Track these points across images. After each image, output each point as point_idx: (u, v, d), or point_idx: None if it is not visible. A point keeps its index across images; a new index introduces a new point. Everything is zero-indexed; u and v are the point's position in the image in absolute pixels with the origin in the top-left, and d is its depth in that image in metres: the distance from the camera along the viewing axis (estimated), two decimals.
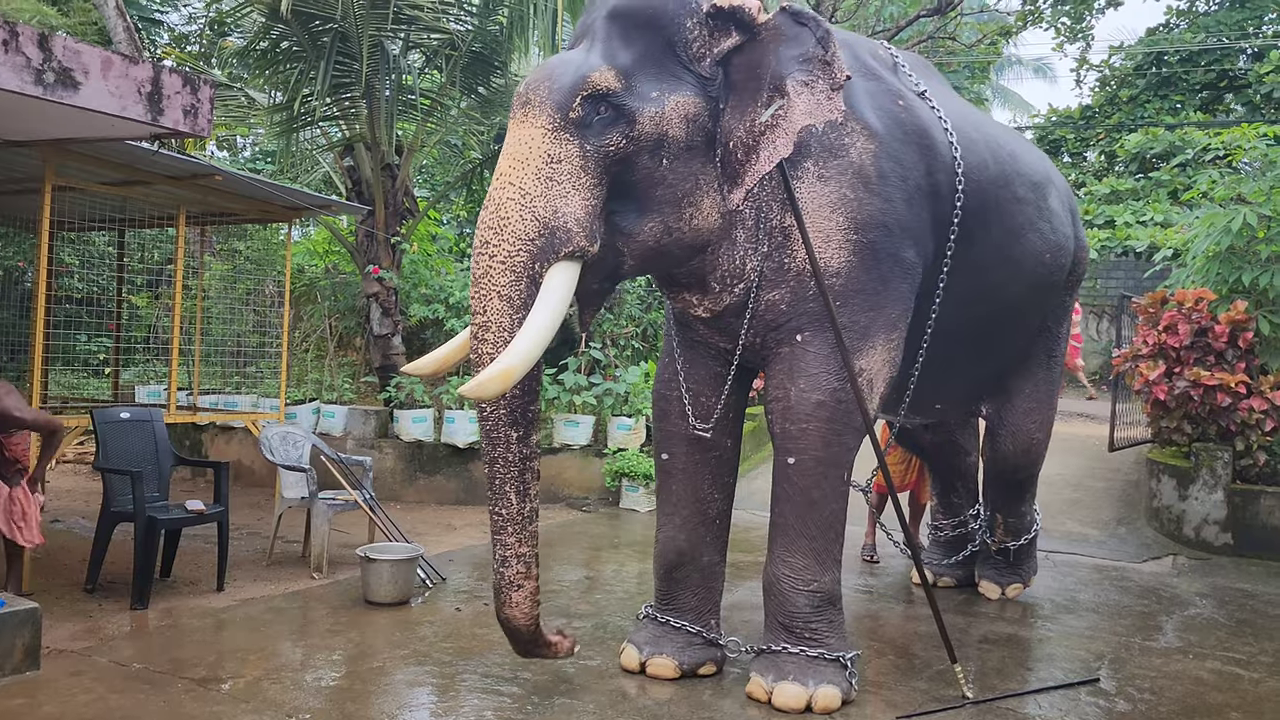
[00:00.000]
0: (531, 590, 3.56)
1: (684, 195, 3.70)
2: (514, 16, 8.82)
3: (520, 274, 3.43)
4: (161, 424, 5.62)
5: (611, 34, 3.62)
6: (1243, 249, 7.48)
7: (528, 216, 3.42)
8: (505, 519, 3.51)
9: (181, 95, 4.25)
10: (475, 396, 3.30)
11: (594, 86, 3.49)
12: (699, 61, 3.69)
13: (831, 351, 3.93)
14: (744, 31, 3.70)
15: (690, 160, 3.69)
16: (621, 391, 8.52)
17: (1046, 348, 5.51)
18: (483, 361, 3.41)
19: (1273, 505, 6.98)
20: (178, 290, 6.58)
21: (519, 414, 3.50)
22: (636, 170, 3.60)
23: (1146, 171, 16.52)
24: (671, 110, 3.61)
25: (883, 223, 4.01)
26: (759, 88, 3.68)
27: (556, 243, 3.45)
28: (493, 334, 3.42)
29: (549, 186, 3.45)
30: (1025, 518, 5.70)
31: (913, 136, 4.18)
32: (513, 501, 3.50)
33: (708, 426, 4.23)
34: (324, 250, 11.26)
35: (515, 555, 3.52)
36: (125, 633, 4.63)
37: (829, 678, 3.88)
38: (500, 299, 3.42)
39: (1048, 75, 27.45)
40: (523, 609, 3.55)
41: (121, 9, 9.48)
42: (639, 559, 6.37)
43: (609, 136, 3.52)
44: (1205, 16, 19.19)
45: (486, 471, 3.54)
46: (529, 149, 3.48)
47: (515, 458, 3.50)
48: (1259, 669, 4.70)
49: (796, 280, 3.94)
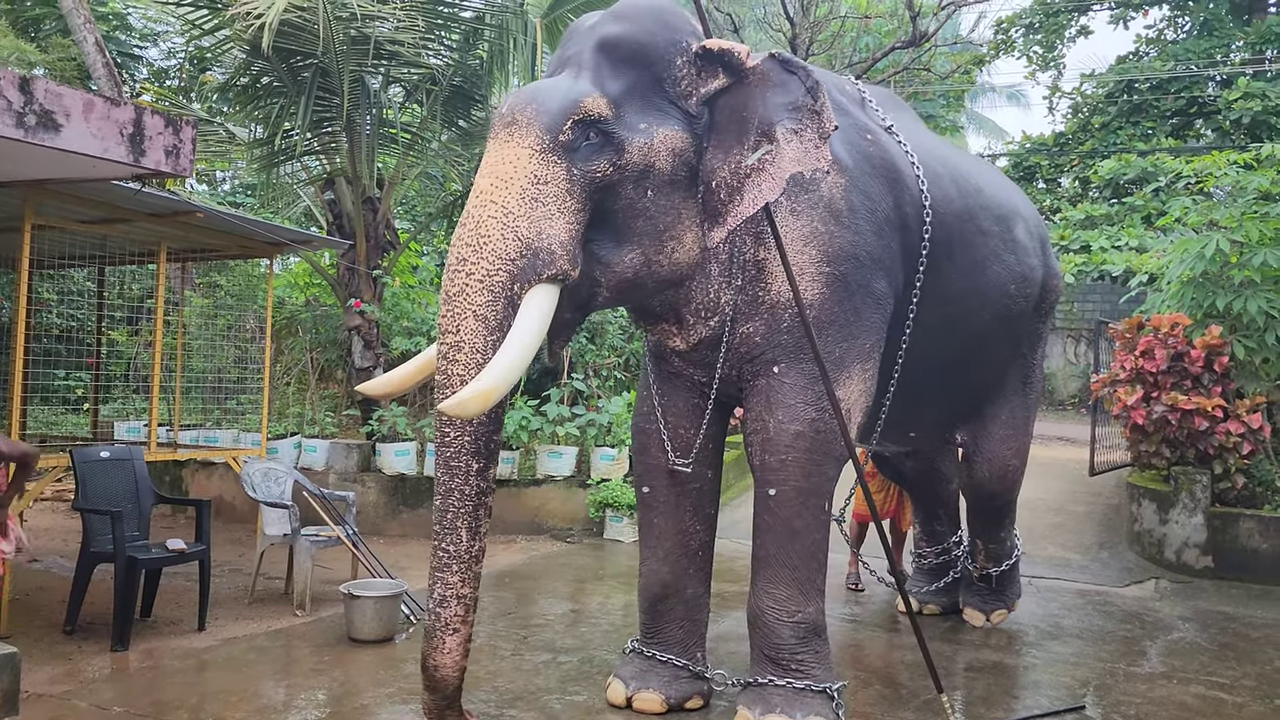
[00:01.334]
0: (466, 637, 3.40)
1: (665, 229, 3.70)
2: (494, 50, 8.89)
3: (498, 294, 3.34)
4: (142, 462, 5.59)
5: (600, 64, 3.63)
6: (1216, 274, 7.59)
7: (509, 235, 3.35)
8: (452, 556, 3.36)
9: (164, 136, 4.26)
10: (454, 414, 3.18)
11: (585, 111, 3.48)
12: (686, 99, 3.72)
13: (808, 383, 3.96)
14: (732, 74, 3.74)
15: (673, 194, 3.70)
16: (604, 422, 8.53)
17: (1021, 375, 5.56)
18: (452, 383, 3.30)
19: (1252, 528, 7.03)
20: (158, 325, 6.55)
21: (482, 444, 3.38)
22: (620, 200, 3.59)
23: (1120, 197, 16.75)
24: (660, 143, 3.63)
25: (854, 255, 4.06)
26: (744, 130, 3.71)
27: (539, 264, 3.38)
28: (465, 355, 3.31)
29: (533, 207, 3.40)
30: (1006, 543, 5.74)
31: (881, 170, 4.25)
32: (463, 539, 3.36)
33: (687, 461, 4.24)
34: (305, 283, 11.24)
35: (456, 596, 3.37)
36: (105, 675, 4.57)
37: (816, 710, 3.88)
38: (475, 319, 3.32)
39: (1021, 101, 27.90)
40: (453, 657, 3.38)
41: (101, 45, 9.52)
42: (624, 590, 6.35)
43: (596, 163, 3.51)
44: (1174, 44, 19.53)
45: (438, 504, 3.38)
46: (514, 168, 3.42)
47: (472, 491, 3.37)
48: (1242, 693, 4.73)
49: (770, 313, 3.98)
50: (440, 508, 3.37)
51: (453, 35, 9.10)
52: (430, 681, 3.41)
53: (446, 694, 3.42)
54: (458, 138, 9.63)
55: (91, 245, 6.70)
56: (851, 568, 6.60)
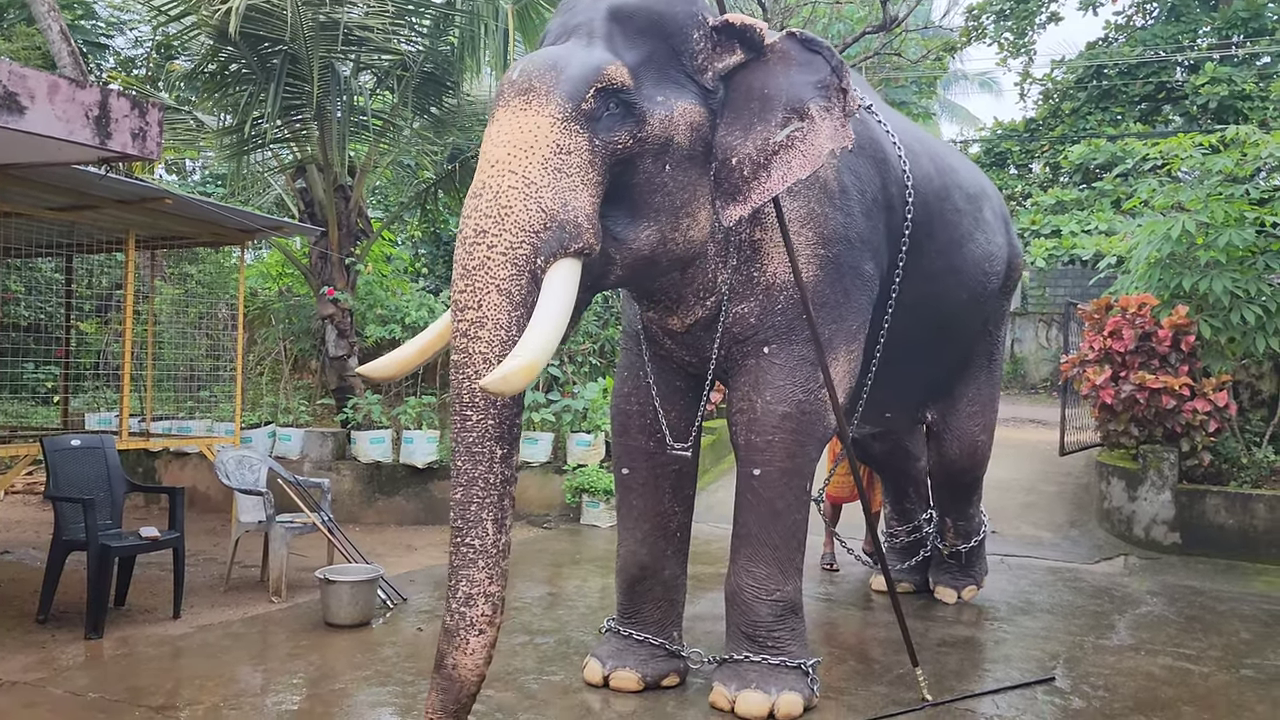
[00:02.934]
0: (492, 640, 3.13)
1: (682, 205, 3.64)
2: (465, 37, 8.84)
3: (522, 268, 3.16)
4: (113, 450, 5.54)
5: (614, 33, 3.52)
6: (1183, 255, 7.69)
7: (533, 207, 3.18)
8: (478, 551, 3.09)
9: (130, 118, 4.22)
10: (498, 391, 2.97)
11: (609, 80, 3.37)
12: (702, 73, 3.68)
13: (797, 364, 3.98)
14: (751, 50, 3.72)
15: (690, 170, 3.64)
16: (580, 408, 8.54)
17: (987, 352, 5.65)
18: (474, 362, 3.10)
19: (1218, 504, 7.15)
20: (128, 315, 6.49)
21: (506, 428, 3.16)
22: (638, 174, 3.50)
23: (1090, 182, 16.91)
24: (680, 115, 3.57)
25: (846, 236, 4.08)
26: (767, 107, 3.68)
27: (565, 237, 3.23)
28: (489, 331, 3.11)
29: (557, 178, 3.24)
30: (973, 520, 5.83)
31: (868, 151, 4.27)
32: (489, 532, 3.10)
33: (686, 445, 4.22)
34: (277, 273, 11.17)
35: (484, 594, 3.09)
36: (80, 662, 4.55)
37: (791, 685, 3.93)
38: (499, 293, 3.12)
39: (993, 89, 28.01)
40: (476, 659, 3.09)
41: (66, 34, 9.39)
42: (601, 574, 6.38)
43: (618, 134, 3.40)
44: (1142, 30, 19.70)
45: (459, 495, 3.12)
46: (535, 137, 3.25)
47: (497, 479, 3.12)
48: (1208, 663, 4.82)
49: (765, 293, 3.98)
50: (462, 500, 3.12)
51: (423, 21, 9.04)
52: (445, 683, 3.10)
53: (461, 699, 3.12)
54: (430, 125, 9.58)
55: (58, 233, 6.63)
56: (827, 548, 6.65)
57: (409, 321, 8.94)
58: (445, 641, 3.12)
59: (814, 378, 3.98)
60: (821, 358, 3.92)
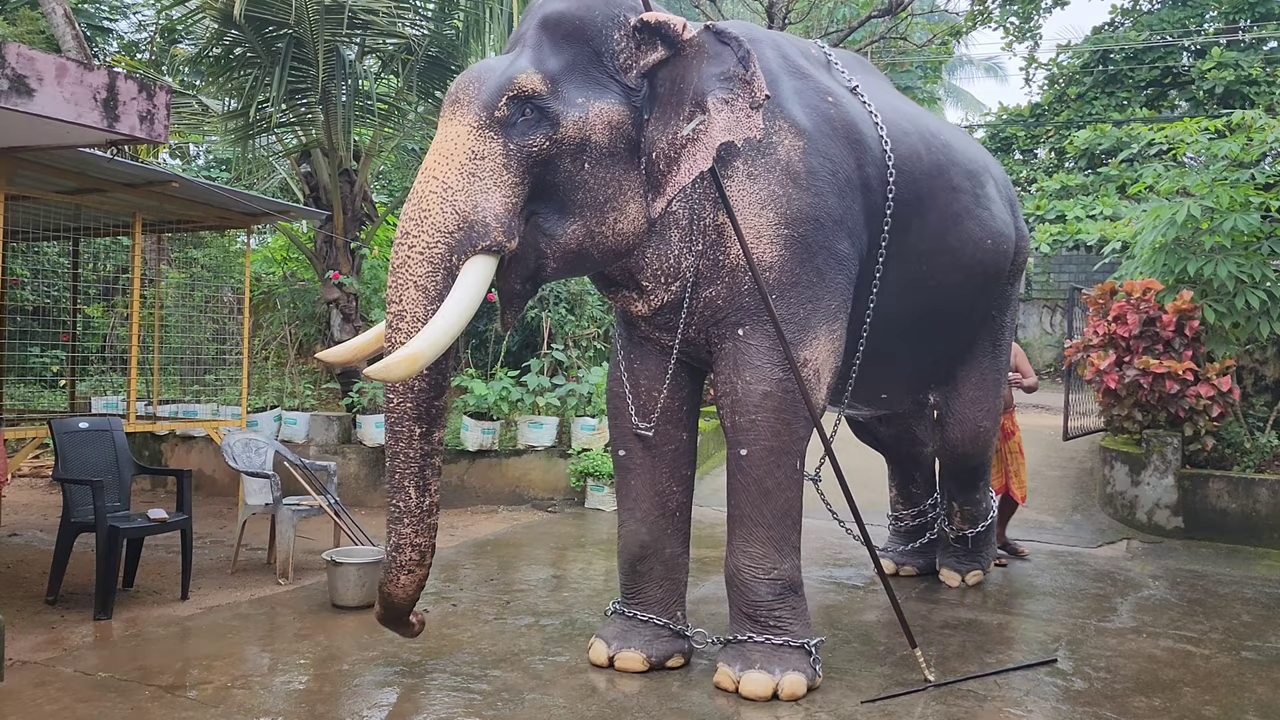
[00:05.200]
0: (422, 577, 3.75)
1: (606, 200, 3.78)
2: (470, 20, 8.84)
3: (437, 265, 3.52)
4: (121, 433, 5.58)
5: (541, 41, 3.73)
6: (1188, 240, 7.68)
7: (448, 210, 3.52)
8: (403, 511, 3.66)
9: (138, 101, 4.24)
10: (381, 378, 3.38)
11: (520, 88, 3.59)
12: (625, 72, 3.80)
13: (774, 343, 4.01)
14: (669, 47, 3.78)
15: (613, 166, 3.77)
16: (585, 392, 8.56)
17: (992, 337, 5.62)
18: (394, 351, 3.47)
19: (1221, 489, 7.17)
20: (135, 298, 6.51)
21: (423, 409, 3.61)
22: (559, 173, 3.69)
23: (1095, 167, 16.85)
24: (595, 116, 3.71)
25: (813, 217, 4.09)
26: (681, 102, 3.78)
27: (474, 236, 3.54)
28: (407, 323, 3.51)
29: (470, 182, 3.55)
30: (981, 504, 5.83)
31: (841, 132, 4.27)
32: (411, 496, 3.65)
33: (648, 425, 4.31)
34: (282, 258, 11.19)
35: (410, 544, 3.69)
36: (89, 643, 4.59)
37: (794, 665, 3.96)
38: (416, 289, 3.51)
39: (999, 74, 27.90)
40: (408, 590, 3.75)
41: (70, 17, 9.39)
42: (605, 557, 6.41)
43: (532, 137, 3.61)
44: (1148, 15, 19.59)
45: (388, 464, 3.66)
46: (454, 145, 3.58)
47: (416, 454, 3.62)
48: (1210, 645, 4.84)
49: (731, 276, 4.03)
50: (389, 469, 3.66)
51: (428, 5, 9.05)
52: (385, 605, 3.82)
53: (399, 613, 3.85)
54: (434, 109, 9.56)
55: (65, 217, 6.65)
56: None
57: None
58: (384, 575, 3.78)
59: (793, 355, 4.01)
60: (781, 337, 3.97)
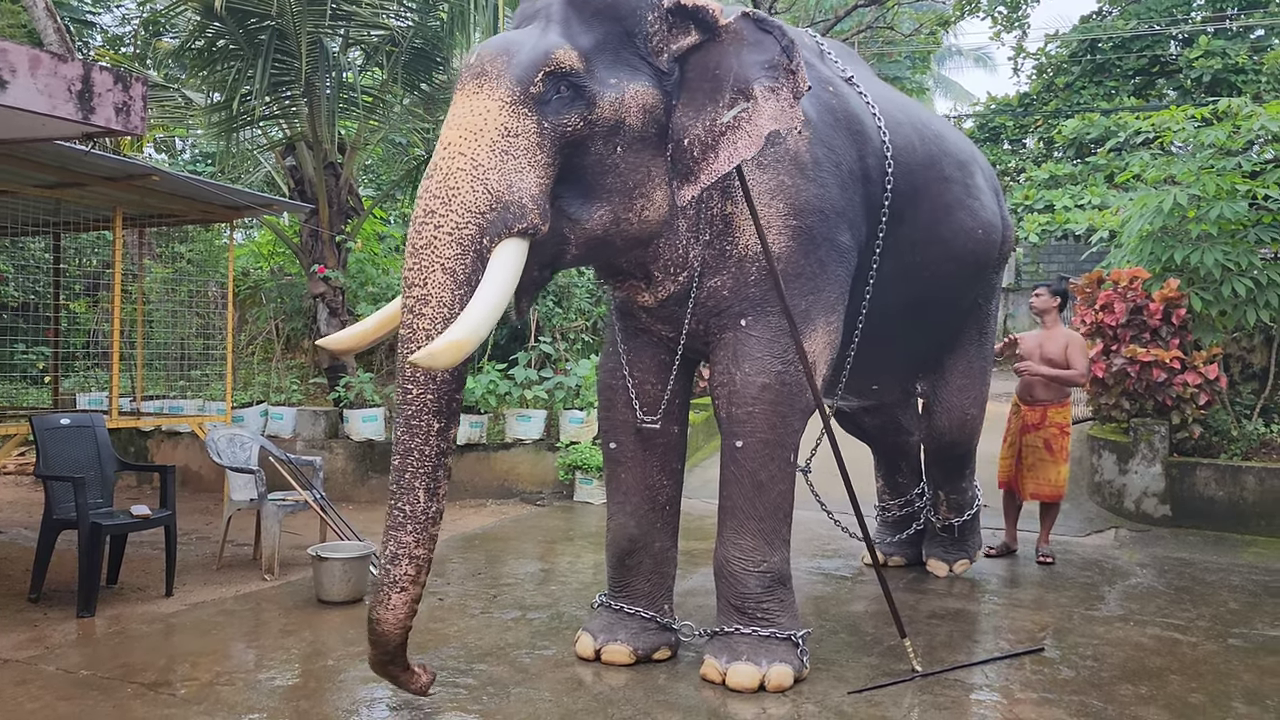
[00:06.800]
0: (415, 596, 3.34)
1: (635, 186, 3.69)
2: (455, 12, 8.77)
3: (467, 247, 3.29)
4: (103, 429, 5.53)
5: (570, 17, 3.59)
6: (1174, 228, 7.68)
7: (479, 188, 3.30)
8: (407, 516, 3.30)
9: (113, 93, 4.18)
10: (426, 366, 3.12)
11: (557, 64, 3.44)
12: (657, 55, 3.71)
13: (774, 335, 3.99)
14: (704, 31, 3.73)
15: (643, 151, 3.68)
16: (573, 385, 8.54)
17: (978, 325, 5.63)
18: (418, 338, 3.23)
19: (1208, 477, 7.18)
20: (116, 294, 6.46)
21: (445, 402, 3.32)
22: (589, 155, 3.56)
23: (1083, 156, 16.84)
24: (630, 98, 3.60)
25: (819, 208, 4.07)
26: (717, 88, 3.70)
27: (510, 218, 3.34)
28: (432, 308, 3.25)
29: (504, 160, 3.35)
30: (967, 493, 5.83)
31: (843, 122, 4.26)
32: (419, 499, 3.30)
33: (655, 418, 4.25)
34: (268, 252, 11.13)
35: (409, 556, 3.30)
36: (72, 640, 4.55)
37: (781, 656, 3.95)
38: (443, 272, 3.26)
39: (988, 65, 27.87)
40: (398, 614, 3.31)
41: (51, 10, 9.30)
42: (594, 550, 6.39)
43: (567, 117, 3.47)
44: (1136, 4, 19.57)
45: (396, 463, 3.31)
46: (484, 120, 3.37)
47: (432, 451, 3.30)
48: (1196, 633, 4.85)
49: (738, 266, 3.99)
50: (398, 467, 3.32)
51: None
52: (374, 636, 3.38)
53: (389, 649, 3.39)
54: (420, 101, 9.53)
55: (45, 211, 6.59)
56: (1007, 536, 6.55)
57: None
58: (373, 596, 3.37)
59: (792, 348, 3.99)
60: (794, 328, 3.94)
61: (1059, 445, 6.18)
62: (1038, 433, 6.21)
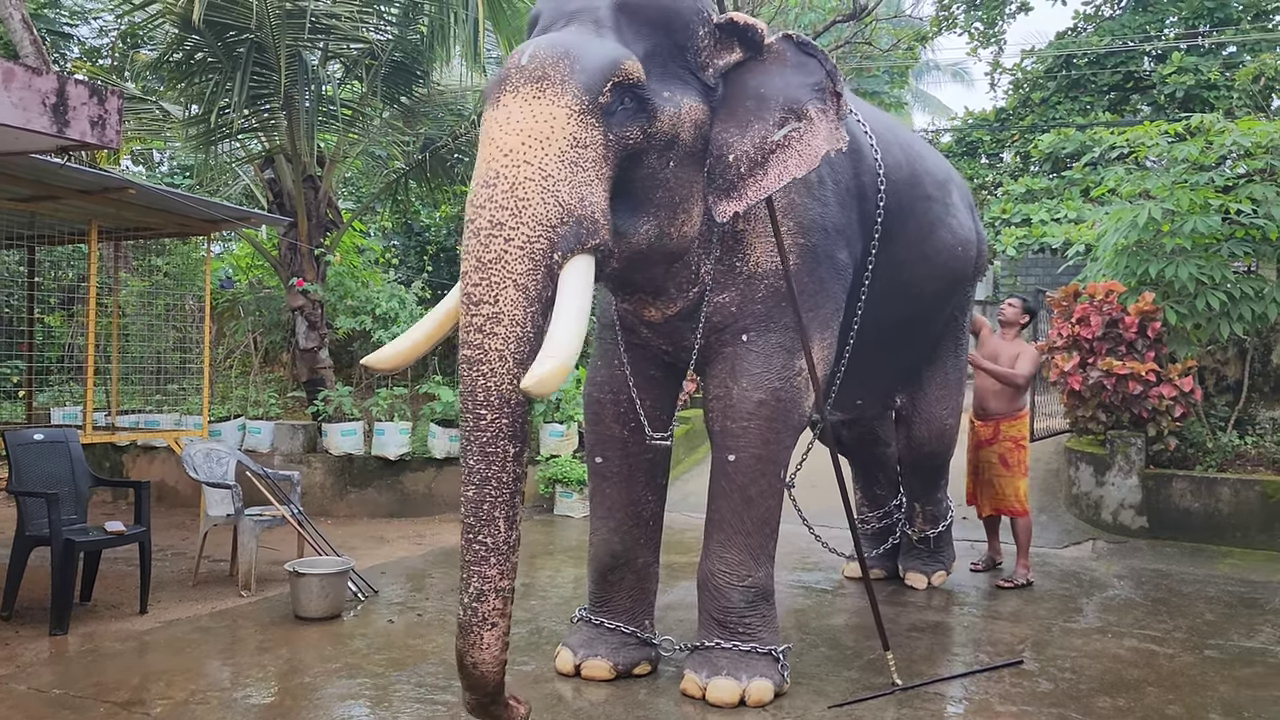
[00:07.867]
0: (506, 630, 3.11)
1: (680, 201, 3.66)
2: (434, 26, 8.76)
3: (539, 262, 3.10)
4: (77, 444, 5.48)
5: (622, 24, 3.50)
6: (1149, 242, 7.75)
7: (551, 200, 3.13)
8: (490, 549, 3.04)
9: (88, 106, 4.15)
10: (537, 393, 2.96)
11: (625, 75, 3.34)
12: (704, 70, 3.71)
13: (774, 351, 4.01)
14: (749, 49, 3.75)
15: (689, 166, 3.67)
16: (553, 399, 8.52)
17: (954, 338, 5.73)
18: (489, 359, 3.03)
19: (1184, 488, 7.23)
20: (91, 307, 6.40)
21: (519, 426, 3.09)
22: (643, 169, 3.49)
23: (1059, 171, 16.98)
24: (686, 113, 3.58)
25: (822, 226, 4.12)
26: (763, 106, 3.71)
27: (583, 233, 3.20)
28: (505, 327, 3.04)
29: (574, 171, 3.20)
30: (941, 504, 5.91)
31: None
32: (500, 530, 3.05)
33: (665, 435, 4.26)
34: (247, 265, 11.06)
35: (495, 589, 3.05)
36: (44, 658, 4.49)
37: (762, 671, 3.94)
38: (516, 288, 3.05)
39: (965, 79, 28.15)
40: (492, 652, 3.07)
41: (28, 22, 9.22)
42: (574, 564, 6.37)
43: (629, 129, 3.38)
44: (1110, 20, 19.81)
45: (472, 493, 3.06)
46: (551, 128, 3.18)
47: (509, 478, 3.06)
48: (1173, 645, 4.88)
49: (746, 283, 4.01)
50: (475, 498, 3.06)
51: (392, 9, 8.97)
52: (470, 680, 3.12)
53: (489, 690, 3.14)
54: (400, 114, 9.51)
55: (19, 224, 6.53)
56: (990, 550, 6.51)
57: (380, 313, 8.89)
58: (461, 639, 3.10)
59: (789, 365, 4.01)
60: (806, 345, 3.97)
61: (1015, 459, 6.02)
62: (991, 448, 6.05)
